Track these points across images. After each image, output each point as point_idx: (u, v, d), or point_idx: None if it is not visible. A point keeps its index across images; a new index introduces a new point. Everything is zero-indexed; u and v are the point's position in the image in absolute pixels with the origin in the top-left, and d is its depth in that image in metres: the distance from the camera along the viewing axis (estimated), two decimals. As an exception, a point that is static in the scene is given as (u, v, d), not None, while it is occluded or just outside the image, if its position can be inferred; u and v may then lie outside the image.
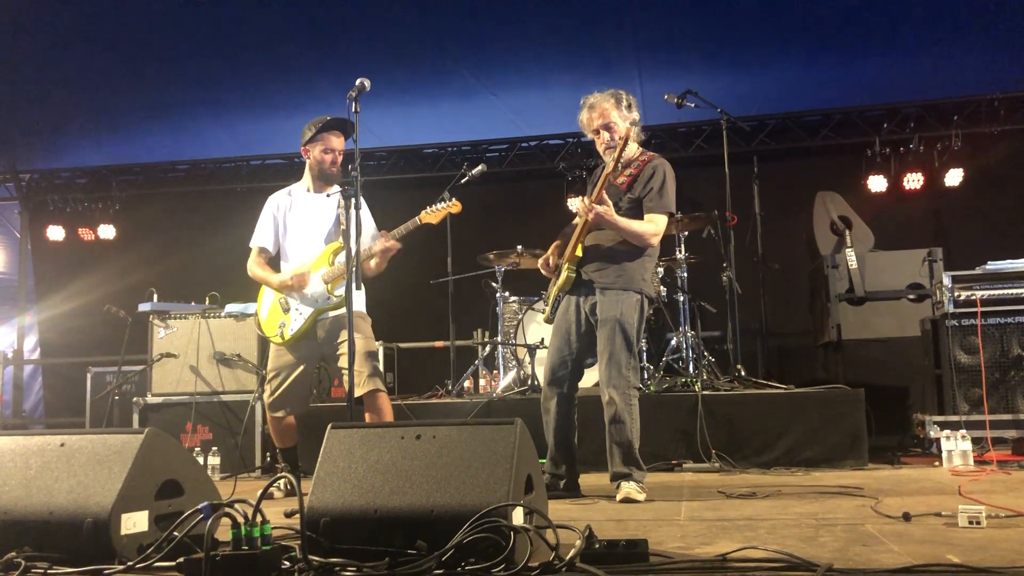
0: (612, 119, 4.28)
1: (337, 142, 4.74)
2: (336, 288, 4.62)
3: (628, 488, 4.07)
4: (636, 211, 4.26)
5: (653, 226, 4.21)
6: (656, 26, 6.97)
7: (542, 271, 4.53)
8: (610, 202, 4.13)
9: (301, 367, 4.70)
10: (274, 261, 4.88)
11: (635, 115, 4.34)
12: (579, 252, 4.27)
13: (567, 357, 4.43)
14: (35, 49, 7.05)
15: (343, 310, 4.14)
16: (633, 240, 4.22)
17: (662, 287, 6.45)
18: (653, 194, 4.22)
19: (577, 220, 4.37)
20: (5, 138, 9.03)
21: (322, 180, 4.79)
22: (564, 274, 4.30)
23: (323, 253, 4.73)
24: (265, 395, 4.79)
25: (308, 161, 4.81)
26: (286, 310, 4.71)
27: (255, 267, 4.83)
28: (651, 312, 4.55)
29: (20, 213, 10.22)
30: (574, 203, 8.37)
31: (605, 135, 4.28)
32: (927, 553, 2.54)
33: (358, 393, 4.39)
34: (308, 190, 4.85)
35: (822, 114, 8.71)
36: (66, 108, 8.23)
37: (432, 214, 4.66)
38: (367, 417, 4.51)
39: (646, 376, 6.18)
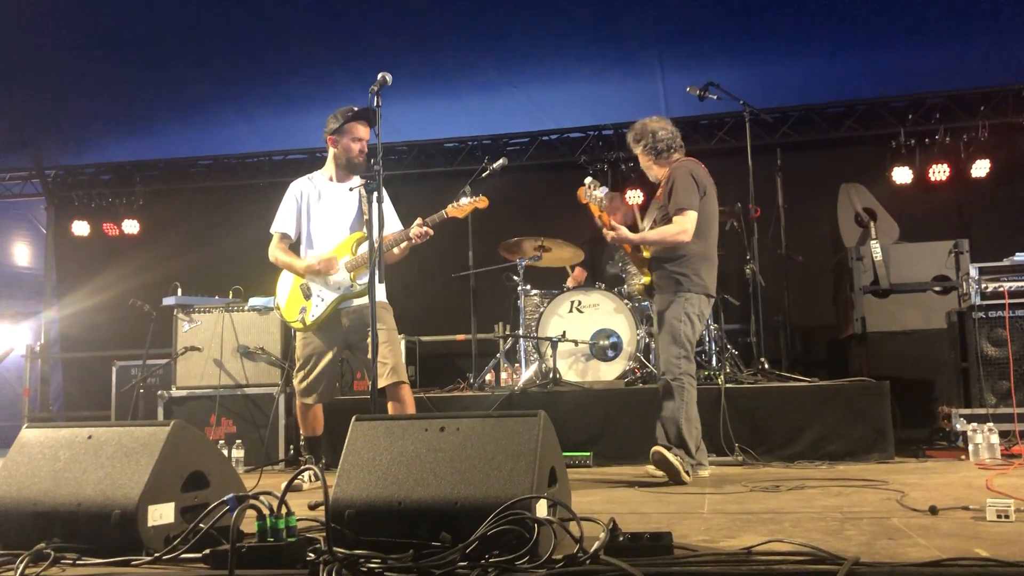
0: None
1: (365, 132, 4.77)
2: (359, 276, 4.64)
3: (665, 451, 4.37)
4: (666, 217, 4.70)
5: (673, 227, 4.60)
6: (678, 18, 6.91)
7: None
8: (620, 226, 4.69)
9: (328, 354, 4.73)
10: (294, 247, 4.91)
11: (644, 142, 4.85)
12: (646, 267, 4.82)
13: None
14: (60, 48, 7.11)
15: (366, 299, 4.15)
16: (662, 246, 4.67)
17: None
18: (670, 199, 4.65)
19: None
20: (31, 135, 9.12)
21: (347, 170, 4.82)
22: (643, 285, 4.92)
23: (345, 241, 4.75)
24: (296, 381, 4.84)
25: (334, 150, 4.83)
26: (307, 296, 4.74)
27: (279, 252, 4.84)
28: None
29: (46, 209, 10.34)
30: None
31: None
32: (955, 547, 2.52)
33: (381, 384, 4.41)
34: (331, 179, 4.87)
35: (846, 105, 8.61)
36: (90, 105, 8.30)
37: (458, 208, 4.69)
38: (389, 408, 4.53)
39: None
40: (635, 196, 8.30)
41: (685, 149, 4.95)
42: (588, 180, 4.73)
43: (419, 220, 4.64)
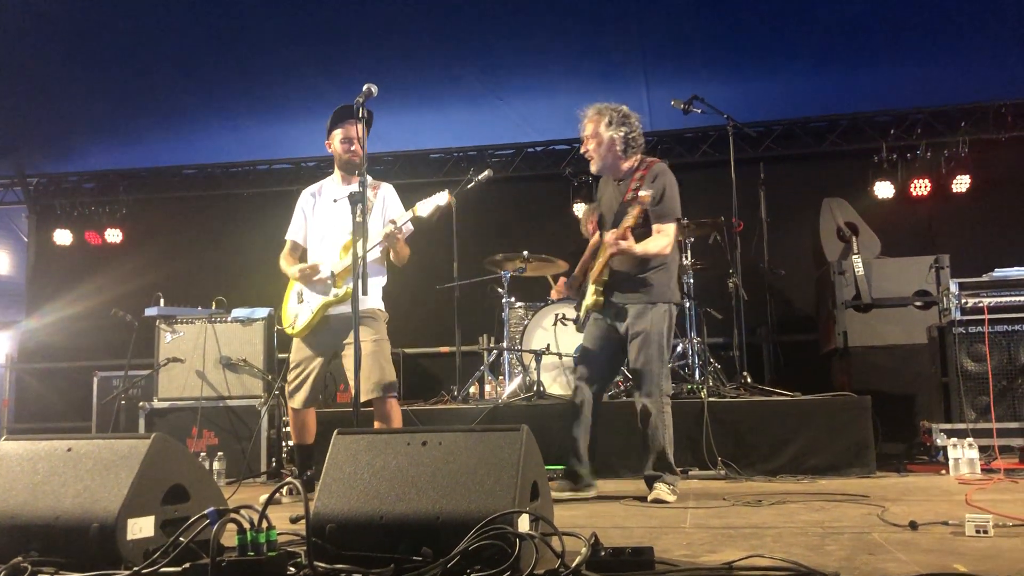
0: (590, 132, 4.55)
1: (351, 131, 4.70)
2: (343, 282, 4.62)
3: (659, 490, 4.27)
4: (645, 223, 4.41)
5: (664, 237, 4.41)
6: (663, 32, 6.96)
7: (567, 292, 4.86)
8: (632, 238, 4.30)
9: (317, 360, 4.74)
10: (307, 254, 4.94)
11: (627, 129, 4.50)
12: (606, 276, 4.51)
13: (598, 367, 4.64)
14: (44, 54, 7.08)
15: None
16: (652, 257, 4.43)
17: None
18: (656, 204, 4.39)
19: (600, 244, 4.58)
20: (13, 142, 9.06)
21: (345, 171, 4.83)
22: (593, 297, 4.53)
23: (337, 247, 4.74)
24: (287, 385, 4.84)
25: (332, 153, 4.85)
26: (300, 302, 4.77)
27: (282, 259, 4.91)
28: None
29: (27, 217, 10.26)
30: (579, 208, 8.42)
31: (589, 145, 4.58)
32: (934, 562, 2.53)
33: (365, 398, 4.38)
34: (336, 182, 4.89)
35: (829, 120, 8.69)
36: (74, 113, 8.26)
37: (423, 205, 4.62)
38: (375, 423, 4.51)
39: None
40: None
41: (669, 161, 4.93)
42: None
43: (391, 219, 4.65)
